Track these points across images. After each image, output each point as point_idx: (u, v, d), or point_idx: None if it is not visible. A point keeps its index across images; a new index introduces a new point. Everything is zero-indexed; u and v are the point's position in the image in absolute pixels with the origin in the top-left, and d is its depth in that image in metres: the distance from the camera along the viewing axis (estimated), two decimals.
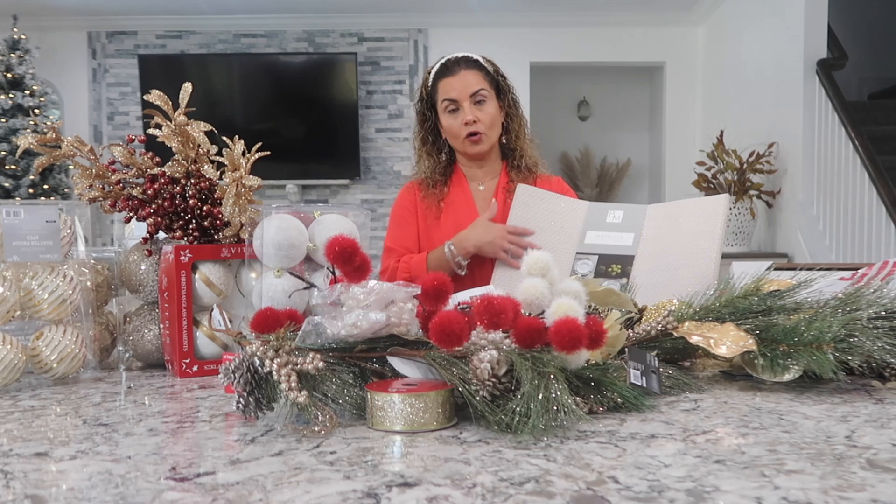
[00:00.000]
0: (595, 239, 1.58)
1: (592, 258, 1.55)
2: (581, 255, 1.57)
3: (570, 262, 1.56)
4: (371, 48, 6.32)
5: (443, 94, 1.81)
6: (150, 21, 6.21)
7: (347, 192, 6.34)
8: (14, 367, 1.09)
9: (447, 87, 1.80)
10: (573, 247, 1.59)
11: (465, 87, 1.78)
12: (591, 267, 1.54)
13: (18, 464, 0.73)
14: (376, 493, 0.63)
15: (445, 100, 1.80)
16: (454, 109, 1.79)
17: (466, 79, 1.79)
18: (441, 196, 1.84)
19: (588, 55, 6.27)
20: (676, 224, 1.53)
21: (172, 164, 1.28)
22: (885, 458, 0.70)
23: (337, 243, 0.88)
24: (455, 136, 1.81)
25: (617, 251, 1.55)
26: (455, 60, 1.83)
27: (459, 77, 1.80)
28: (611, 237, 1.57)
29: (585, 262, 1.55)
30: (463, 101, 1.78)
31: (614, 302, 1.17)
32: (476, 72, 1.81)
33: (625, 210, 1.60)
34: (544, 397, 0.79)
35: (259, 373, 0.85)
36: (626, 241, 1.55)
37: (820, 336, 0.96)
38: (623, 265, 1.52)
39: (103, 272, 1.33)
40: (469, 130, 1.79)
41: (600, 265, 1.54)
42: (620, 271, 1.52)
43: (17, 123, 5.52)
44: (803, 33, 4.33)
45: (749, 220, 4.59)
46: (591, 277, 1.51)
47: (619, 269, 1.52)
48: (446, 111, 1.80)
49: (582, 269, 1.55)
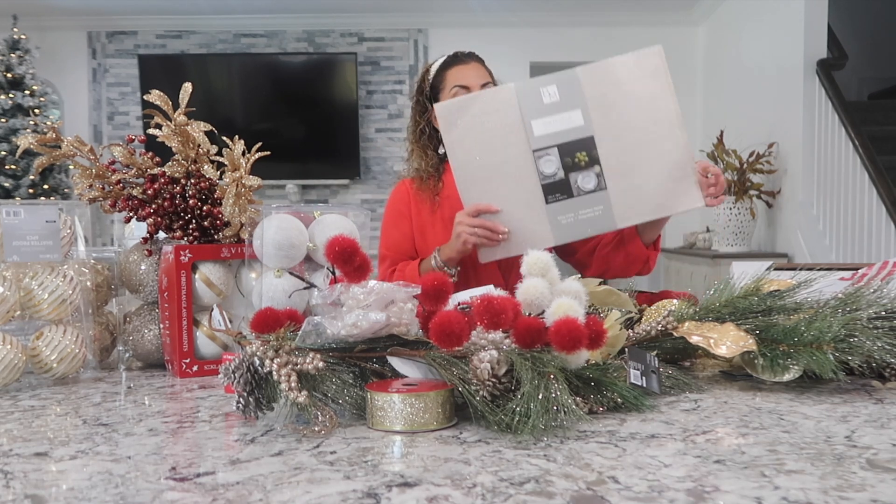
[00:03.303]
0: (544, 128, 1.44)
1: (553, 151, 1.44)
2: (539, 151, 1.44)
3: (531, 165, 1.45)
4: (371, 48, 6.32)
5: (453, 81, 1.82)
6: (150, 21, 6.21)
7: (347, 192, 6.34)
8: (14, 367, 1.09)
9: (459, 73, 1.83)
10: (525, 145, 1.45)
11: (476, 75, 1.82)
12: (556, 163, 1.43)
13: (18, 464, 0.73)
14: (376, 493, 0.63)
15: (457, 86, 1.81)
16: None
17: (478, 69, 1.84)
18: (436, 190, 1.83)
19: (588, 55, 6.21)
20: (621, 90, 1.43)
21: (172, 164, 1.28)
22: (885, 458, 0.70)
23: (337, 243, 0.88)
24: None
25: (573, 136, 1.44)
26: (466, 53, 1.88)
27: (471, 66, 1.84)
28: (559, 120, 1.44)
29: (549, 160, 1.44)
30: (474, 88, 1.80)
31: (614, 302, 1.17)
32: (484, 67, 1.86)
33: (556, 83, 1.45)
34: (544, 397, 0.79)
35: (259, 373, 0.85)
36: (577, 120, 1.43)
37: (820, 336, 0.96)
38: (588, 150, 1.43)
39: (103, 272, 1.33)
40: None
41: (565, 157, 1.43)
42: (588, 158, 1.42)
43: (17, 123, 5.52)
44: (803, 33, 4.33)
45: (749, 220, 4.59)
46: (561, 173, 1.43)
47: (585, 158, 1.42)
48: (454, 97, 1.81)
49: (548, 168, 1.44)
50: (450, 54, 1.89)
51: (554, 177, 1.43)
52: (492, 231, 1.46)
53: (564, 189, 1.43)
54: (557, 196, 1.43)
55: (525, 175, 1.44)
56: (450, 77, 1.83)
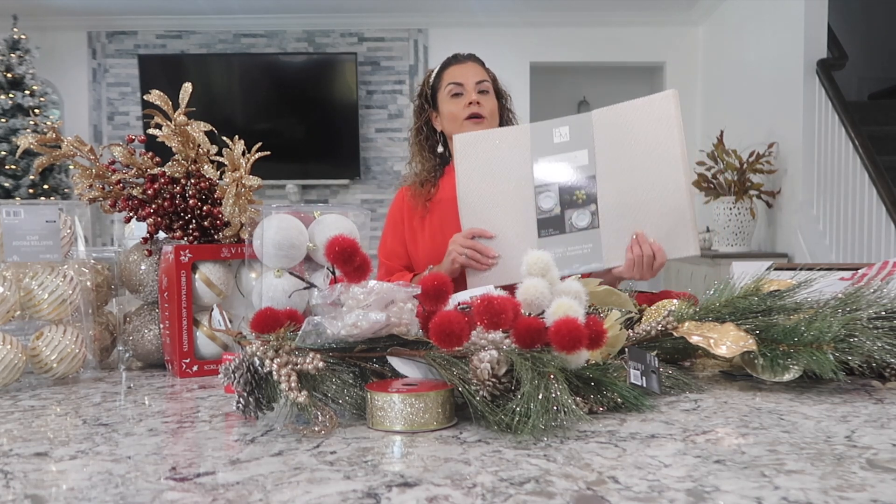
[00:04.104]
0: (548, 165, 1.49)
1: (553, 188, 1.47)
2: (540, 187, 1.48)
3: (531, 199, 1.48)
4: (371, 48, 6.32)
5: (448, 79, 1.84)
6: (150, 21, 6.21)
7: (347, 192, 6.34)
8: (14, 367, 1.09)
9: (454, 72, 1.85)
10: (529, 181, 1.49)
11: (473, 73, 1.84)
12: (555, 199, 1.46)
13: (18, 464, 0.73)
14: (376, 493, 0.63)
15: (451, 83, 1.82)
16: (458, 94, 1.81)
17: (474, 68, 1.86)
18: (428, 197, 1.84)
19: (588, 55, 6.27)
20: (630, 133, 1.45)
21: (172, 164, 1.28)
22: (885, 458, 0.70)
23: (337, 243, 0.88)
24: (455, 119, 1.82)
25: (576, 174, 1.46)
26: (464, 54, 1.90)
27: (468, 66, 1.87)
28: (565, 159, 1.48)
29: (548, 195, 1.47)
30: (468, 85, 1.81)
31: (614, 302, 1.17)
32: (481, 67, 1.88)
33: (570, 124, 1.50)
34: (544, 397, 0.79)
35: (259, 373, 0.85)
36: (582, 160, 1.46)
37: (820, 336, 0.96)
38: (587, 189, 1.45)
39: (103, 272, 1.33)
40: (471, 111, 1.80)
41: (564, 195, 1.46)
42: (586, 196, 1.45)
43: (17, 123, 5.52)
44: (803, 33, 4.33)
45: (749, 220, 4.59)
46: (557, 209, 1.46)
47: (583, 196, 1.45)
48: (450, 96, 1.82)
49: (546, 204, 1.47)
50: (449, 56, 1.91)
51: (550, 212, 1.47)
52: (481, 254, 1.51)
53: (558, 225, 1.47)
54: (550, 231, 1.47)
55: (523, 208, 1.49)
56: (446, 76, 1.85)
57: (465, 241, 1.54)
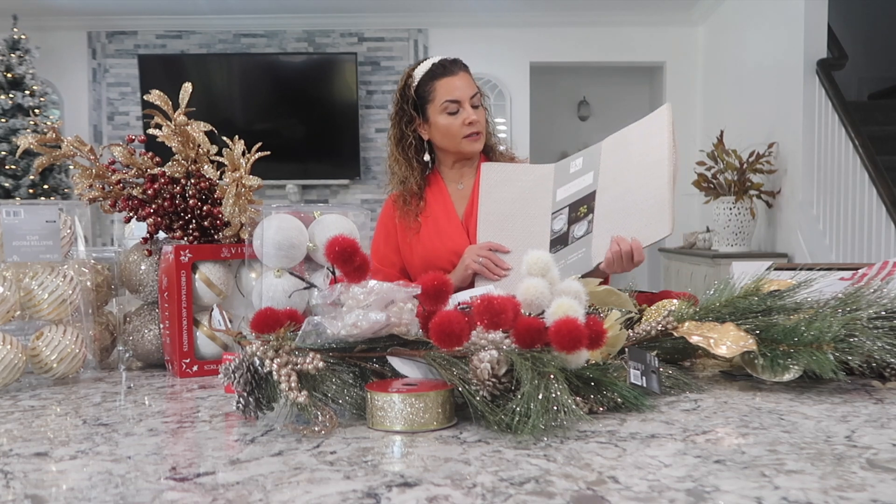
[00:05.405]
0: (564, 192, 1.59)
1: (564, 210, 1.56)
2: (556, 212, 1.58)
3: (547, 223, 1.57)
4: (371, 48, 6.32)
5: (444, 95, 1.79)
6: (150, 21, 6.21)
7: (347, 192, 6.34)
8: (14, 367, 1.09)
9: (449, 86, 1.78)
10: (548, 208, 1.59)
11: (467, 88, 1.79)
12: (564, 220, 1.55)
13: (18, 464, 0.73)
14: (376, 493, 0.63)
15: (448, 101, 1.78)
16: (455, 111, 1.78)
17: (466, 79, 1.81)
18: (418, 211, 1.83)
19: (588, 55, 6.27)
20: (628, 149, 1.53)
21: (172, 164, 1.28)
22: (885, 458, 0.70)
23: (337, 243, 0.88)
24: (453, 136, 1.80)
25: (582, 194, 1.55)
26: (451, 61, 1.83)
27: (460, 78, 1.80)
28: (576, 184, 1.57)
29: (560, 217, 1.56)
30: (465, 102, 1.78)
31: (614, 302, 1.17)
32: (469, 76, 1.84)
33: (584, 155, 1.60)
34: (544, 397, 0.79)
35: (259, 373, 0.85)
36: (588, 180, 1.56)
37: (820, 336, 0.96)
38: (588, 203, 1.53)
39: (103, 272, 1.33)
40: (471, 130, 1.78)
41: (571, 213, 1.55)
42: (587, 209, 1.52)
43: (17, 123, 5.52)
44: (803, 33, 4.33)
45: (749, 220, 4.59)
46: (564, 228, 1.54)
47: (585, 210, 1.52)
48: (445, 112, 1.79)
49: (557, 225, 1.56)
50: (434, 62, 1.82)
51: (559, 231, 1.56)
52: (495, 265, 1.58)
53: (563, 240, 1.55)
54: (558, 248, 1.54)
55: (539, 231, 1.60)
56: (440, 89, 1.79)
57: (482, 251, 1.61)
